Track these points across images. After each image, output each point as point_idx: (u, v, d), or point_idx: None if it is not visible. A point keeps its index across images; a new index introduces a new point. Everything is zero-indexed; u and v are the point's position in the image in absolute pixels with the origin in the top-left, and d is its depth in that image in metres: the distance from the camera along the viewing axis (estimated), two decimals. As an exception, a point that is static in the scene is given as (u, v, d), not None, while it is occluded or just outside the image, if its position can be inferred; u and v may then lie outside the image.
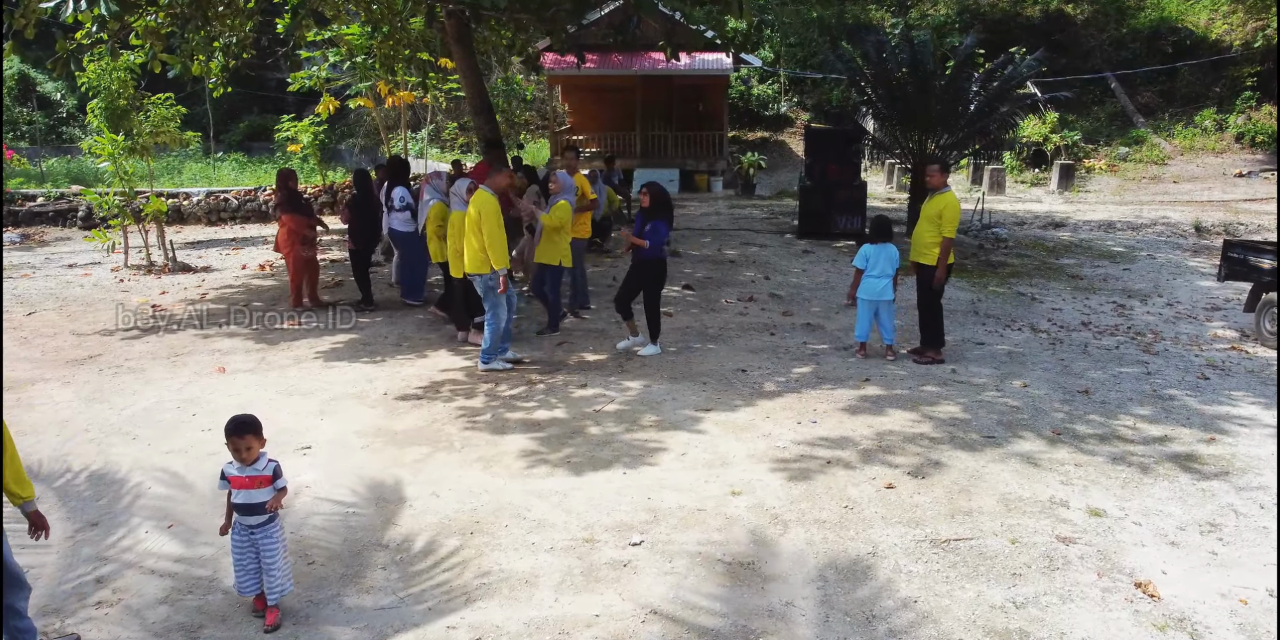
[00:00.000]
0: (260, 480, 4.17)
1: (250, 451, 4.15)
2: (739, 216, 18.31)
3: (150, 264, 13.50)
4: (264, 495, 4.17)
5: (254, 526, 4.19)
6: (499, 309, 7.93)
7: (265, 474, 4.19)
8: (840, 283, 12.04)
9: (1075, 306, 11.33)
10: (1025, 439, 6.47)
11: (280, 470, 4.26)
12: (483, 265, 7.80)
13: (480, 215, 7.69)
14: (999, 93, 13.86)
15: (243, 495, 4.17)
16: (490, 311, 7.95)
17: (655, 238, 8.14)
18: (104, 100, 16.33)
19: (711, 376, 7.84)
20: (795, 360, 8.39)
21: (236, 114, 35.48)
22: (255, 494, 4.16)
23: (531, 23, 13.77)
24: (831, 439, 6.41)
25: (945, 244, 8.14)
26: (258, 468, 4.18)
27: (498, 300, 7.90)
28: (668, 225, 8.27)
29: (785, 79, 30.78)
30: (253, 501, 4.16)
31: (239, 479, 4.17)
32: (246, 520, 4.19)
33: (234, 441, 4.14)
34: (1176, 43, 28.86)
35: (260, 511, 4.17)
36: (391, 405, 7.17)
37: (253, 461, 4.17)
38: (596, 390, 7.45)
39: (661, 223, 8.16)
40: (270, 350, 8.70)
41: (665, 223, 8.22)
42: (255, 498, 4.16)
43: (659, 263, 8.31)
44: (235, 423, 4.16)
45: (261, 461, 4.20)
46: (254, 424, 4.18)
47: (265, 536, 4.21)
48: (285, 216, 9.99)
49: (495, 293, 7.87)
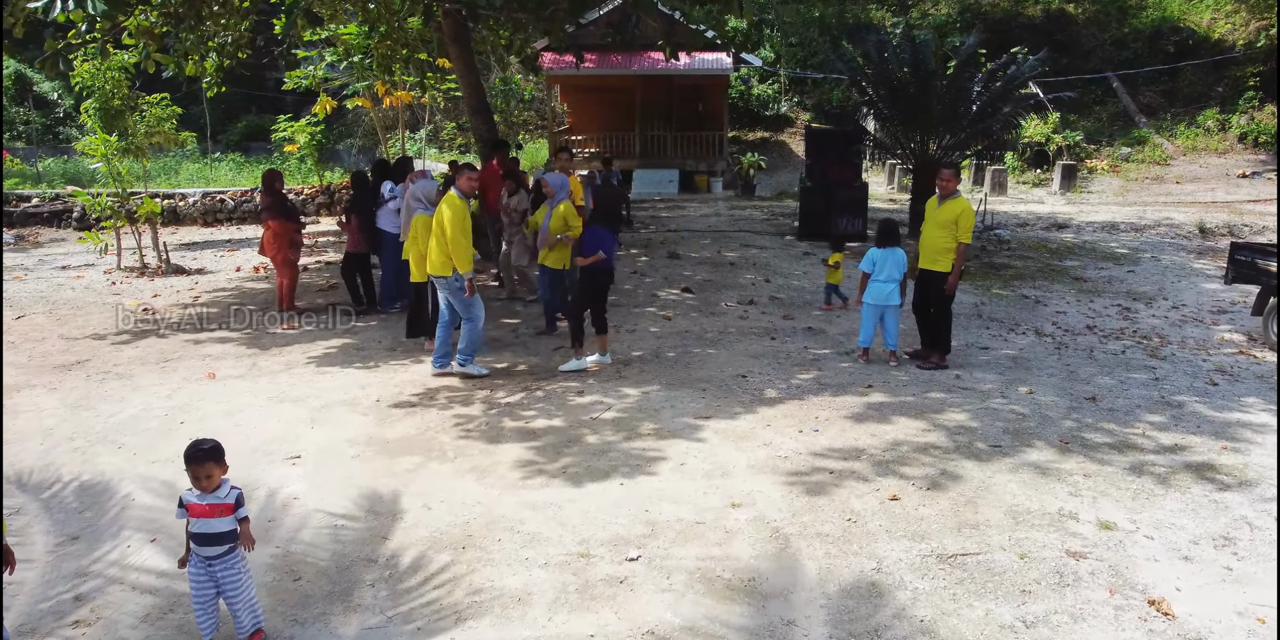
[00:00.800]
0: (221, 509, 3.91)
1: (211, 479, 3.89)
2: (739, 218, 18.16)
3: (144, 266, 13.36)
4: (224, 524, 3.91)
5: (213, 558, 3.92)
6: (473, 309, 7.79)
7: (227, 502, 3.92)
8: (842, 285, 11.89)
9: (1080, 310, 11.18)
10: (1033, 448, 6.31)
11: (243, 498, 4.01)
12: (445, 267, 7.64)
13: (447, 217, 7.55)
14: (1002, 93, 13.71)
15: (201, 524, 3.90)
16: (465, 313, 7.79)
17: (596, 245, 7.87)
18: (98, 100, 16.20)
19: (711, 382, 7.70)
20: (796, 365, 8.24)
21: (234, 114, 35.33)
22: (215, 523, 3.90)
23: (529, 22, 13.63)
24: (834, 448, 6.26)
25: (962, 250, 7.99)
26: (219, 495, 3.91)
27: (469, 301, 7.75)
28: (612, 233, 8.04)
29: (785, 79, 30.64)
30: (211, 531, 3.90)
31: (198, 507, 3.90)
32: (205, 551, 3.92)
33: (193, 469, 3.88)
34: (1178, 42, 28.72)
35: (220, 542, 3.91)
36: (384, 413, 7.02)
37: (213, 489, 3.91)
38: (594, 397, 7.30)
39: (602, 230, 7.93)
40: (262, 355, 8.56)
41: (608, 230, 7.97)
42: (214, 527, 3.90)
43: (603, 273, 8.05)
44: (194, 449, 3.91)
45: (223, 489, 3.94)
46: (215, 450, 3.93)
47: (226, 568, 3.94)
48: (270, 221, 9.83)
49: (462, 293, 7.70)
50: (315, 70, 18.40)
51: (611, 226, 8.07)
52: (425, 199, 8.46)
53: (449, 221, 7.49)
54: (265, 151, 31.19)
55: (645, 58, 22.32)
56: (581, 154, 24.43)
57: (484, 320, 7.96)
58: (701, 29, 16.26)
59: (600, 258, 7.87)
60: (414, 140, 28.84)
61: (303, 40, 16.97)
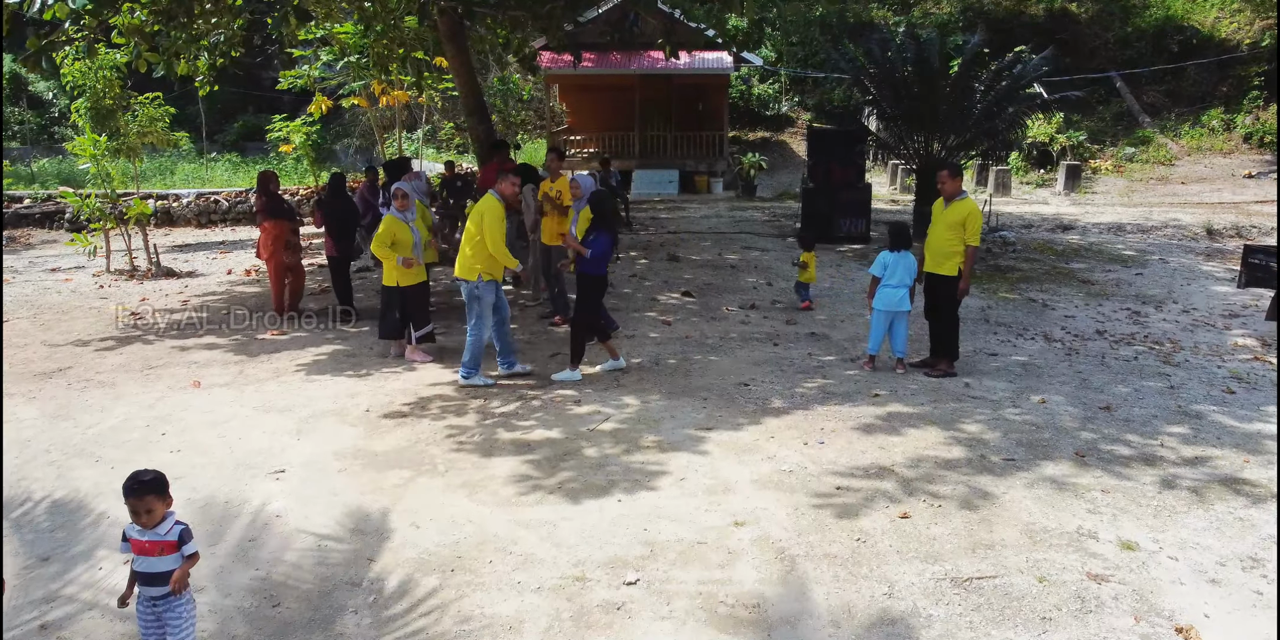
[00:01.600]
0: (164, 546, 3.60)
1: (152, 514, 3.57)
2: (740, 219, 17.91)
3: (133, 269, 13.11)
4: (167, 564, 3.61)
5: (157, 598, 3.63)
6: (482, 320, 7.56)
7: (169, 539, 3.60)
8: (845, 288, 11.66)
9: (1089, 314, 10.93)
10: (1048, 462, 6.06)
11: (189, 534, 3.68)
12: (469, 270, 7.44)
13: (487, 221, 7.41)
14: (1007, 92, 13.46)
15: (143, 562, 3.62)
16: (472, 323, 7.57)
17: (595, 248, 7.60)
18: (89, 100, 15.96)
19: (712, 391, 7.45)
20: (800, 373, 7.99)
21: (231, 113, 35.09)
22: (157, 562, 3.60)
23: (526, 21, 13.38)
24: (840, 462, 6.01)
25: (971, 253, 7.75)
26: (160, 532, 3.60)
27: (482, 310, 7.54)
28: (611, 238, 7.74)
29: (786, 78, 30.40)
30: (155, 570, 3.61)
31: (139, 542, 3.61)
32: (149, 591, 3.63)
33: (132, 503, 3.56)
34: (1182, 41, 28.48)
35: (163, 582, 3.61)
36: (374, 423, 6.78)
37: (155, 524, 3.60)
38: (592, 407, 7.05)
39: (604, 235, 7.65)
40: (249, 362, 8.31)
41: (607, 236, 7.67)
42: (157, 566, 3.60)
43: (595, 279, 7.77)
44: (133, 481, 3.58)
45: (166, 524, 3.62)
46: (156, 482, 3.60)
47: (170, 611, 3.66)
48: (266, 222, 9.59)
49: (479, 302, 7.50)
50: (310, 70, 18.12)
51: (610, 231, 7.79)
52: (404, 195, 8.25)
53: (489, 226, 7.38)
54: (262, 152, 30.92)
55: (645, 57, 22.07)
56: (580, 154, 24.18)
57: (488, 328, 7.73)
58: (702, 28, 16.01)
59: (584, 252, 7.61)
60: (411, 140, 28.59)
61: (297, 39, 16.69)
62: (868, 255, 13.77)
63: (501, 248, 7.44)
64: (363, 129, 30.56)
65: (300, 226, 10.04)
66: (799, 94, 31.03)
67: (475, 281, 7.46)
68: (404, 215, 8.15)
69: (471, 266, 7.46)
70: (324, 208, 9.86)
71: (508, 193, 7.66)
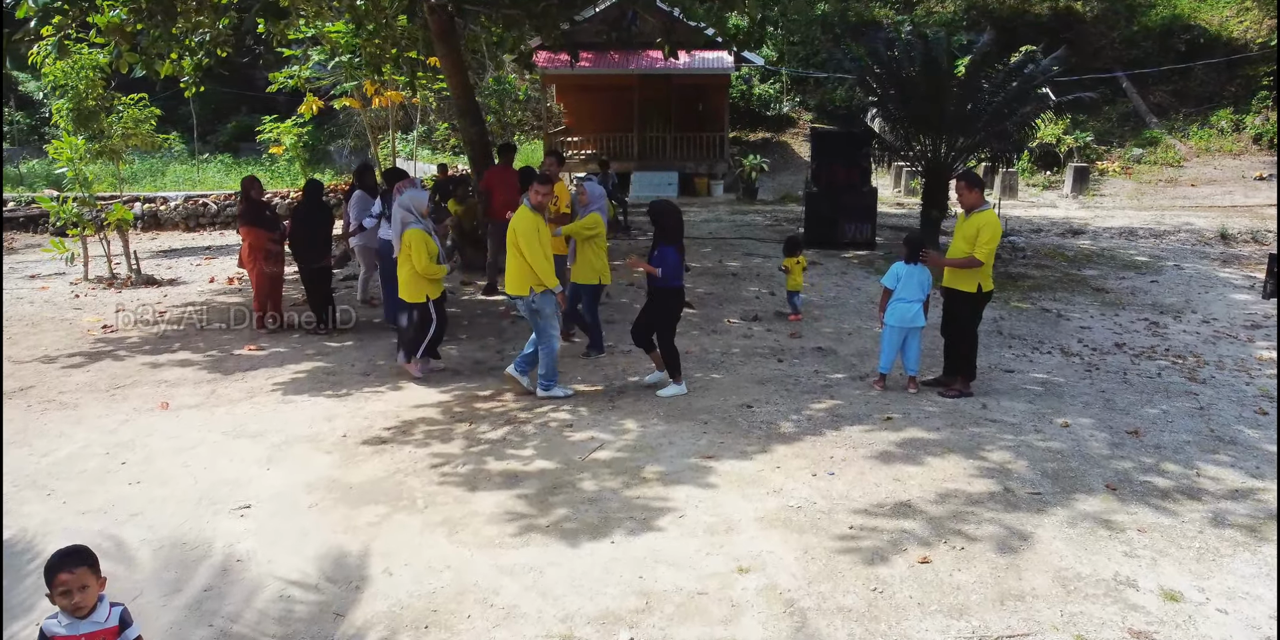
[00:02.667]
0: (104, 635, 3.07)
1: (86, 592, 3.02)
2: (741, 223, 17.45)
3: (113, 276, 12.66)
4: None
5: None
6: (551, 331, 7.30)
7: (109, 626, 3.08)
8: (851, 297, 11.20)
9: (1105, 324, 10.48)
10: (1078, 496, 5.61)
11: (129, 616, 3.15)
12: (521, 286, 7.22)
13: (521, 232, 7.10)
14: (1018, 93, 13.00)
15: None
16: (542, 335, 7.31)
17: (664, 264, 7.24)
18: (71, 100, 15.51)
19: (714, 414, 6.99)
20: (807, 393, 7.53)
21: (225, 114, 34.60)
22: None
23: (522, 19, 12.93)
24: (854, 496, 5.55)
25: (970, 264, 7.30)
26: (97, 619, 3.05)
27: (546, 323, 7.28)
28: (676, 250, 7.33)
29: (787, 78, 29.92)
30: None
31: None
32: None
33: (63, 581, 2.99)
34: (1189, 41, 28.02)
35: None
36: (351, 450, 6.32)
37: (89, 612, 3.04)
38: (588, 433, 6.59)
39: (669, 249, 7.26)
40: (223, 381, 7.85)
41: (672, 248, 7.29)
42: None
43: (674, 293, 7.44)
44: (59, 557, 3.04)
45: (102, 609, 3.08)
46: (85, 555, 3.07)
47: None
48: (246, 229, 9.13)
49: (541, 315, 7.27)
50: (300, 70, 17.65)
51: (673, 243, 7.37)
52: (415, 210, 7.76)
53: (524, 234, 7.08)
54: (255, 153, 30.46)
55: (644, 56, 21.60)
56: (578, 155, 23.72)
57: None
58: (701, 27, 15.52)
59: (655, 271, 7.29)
60: (406, 141, 28.13)
61: (286, 38, 16.23)
62: (874, 262, 13.32)
63: (541, 262, 7.13)
64: (357, 129, 30.10)
65: (284, 236, 9.52)
66: (800, 94, 30.56)
67: (530, 296, 7.20)
68: (426, 224, 7.74)
69: (522, 280, 7.21)
70: (295, 216, 9.37)
71: (537, 201, 7.28)
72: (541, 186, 7.26)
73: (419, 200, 7.78)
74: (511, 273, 7.28)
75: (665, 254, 7.22)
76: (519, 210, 7.29)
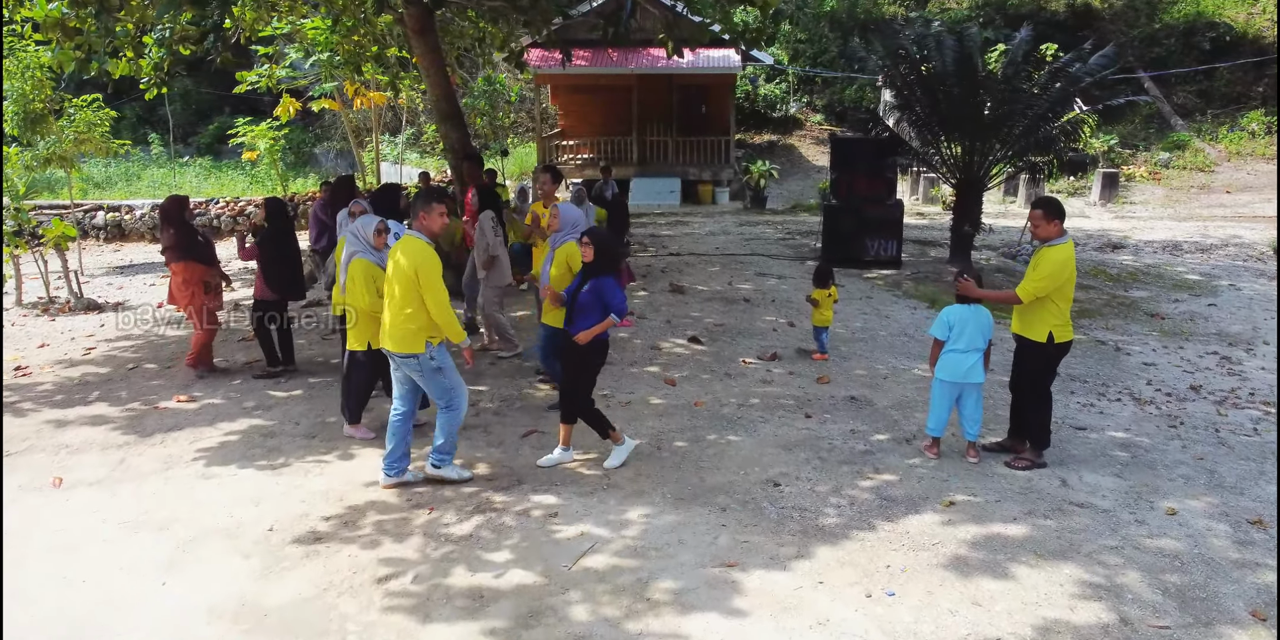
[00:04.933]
0: None
1: None
2: (750, 236, 16.07)
3: (50, 301, 11.30)
4: None
5: None
6: (455, 393, 5.71)
7: None
8: (881, 328, 9.86)
9: (1171, 360, 9.18)
10: (1219, 629, 4.26)
11: None
12: (409, 341, 5.54)
13: (416, 271, 5.46)
14: (1062, 95, 11.67)
15: None
16: (443, 398, 5.70)
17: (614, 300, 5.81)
18: (17, 103, 14.19)
19: (734, 495, 5.64)
20: (846, 463, 6.18)
21: (207, 115, 33.19)
22: None
23: (507, 12, 11.59)
24: (924, 633, 4.20)
25: (1005, 297, 6.01)
26: None
27: (449, 382, 5.68)
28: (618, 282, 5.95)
29: (794, 77, 28.59)
30: None
31: None
32: None
33: None
34: (1214, 39, 26.74)
35: None
36: (275, 552, 4.97)
37: None
38: (577, 526, 5.23)
39: (608, 280, 5.82)
40: (137, 446, 6.49)
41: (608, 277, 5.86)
42: None
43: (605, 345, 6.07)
44: None
45: None
46: None
47: None
48: (174, 263, 7.76)
49: (443, 373, 5.65)
50: (271, 69, 16.29)
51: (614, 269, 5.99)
52: (364, 239, 6.40)
53: (426, 274, 5.43)
54: (236, 155, 29.12)
55: (644, 54, 20.23)
56: (574, 160, 22.37)
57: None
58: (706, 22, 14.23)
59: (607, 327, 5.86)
60: (393, 144, 26.77)
61: (258, 35, 14.88)
62: (900, 283, 11.97)
63: (447, 310, 5.54)
64: (343, 132, 28.77)
65: (220, 266, 8.14)
66: (807, 94, 29.24)
67: (424, 353, 5.57)
68: (379, 257, 6.35)
69: (410, 334, 5.54)
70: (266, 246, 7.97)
71: (435, 228, 5.66)
72: (437, 206, 5.69)
73: (369, 228, 6.42)
74: (395, 325, 5.55)
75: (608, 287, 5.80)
76: (407, 243, 5.54)
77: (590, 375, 6.05)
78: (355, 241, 6.40)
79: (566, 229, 6.78)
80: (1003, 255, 14.28)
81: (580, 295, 5.81)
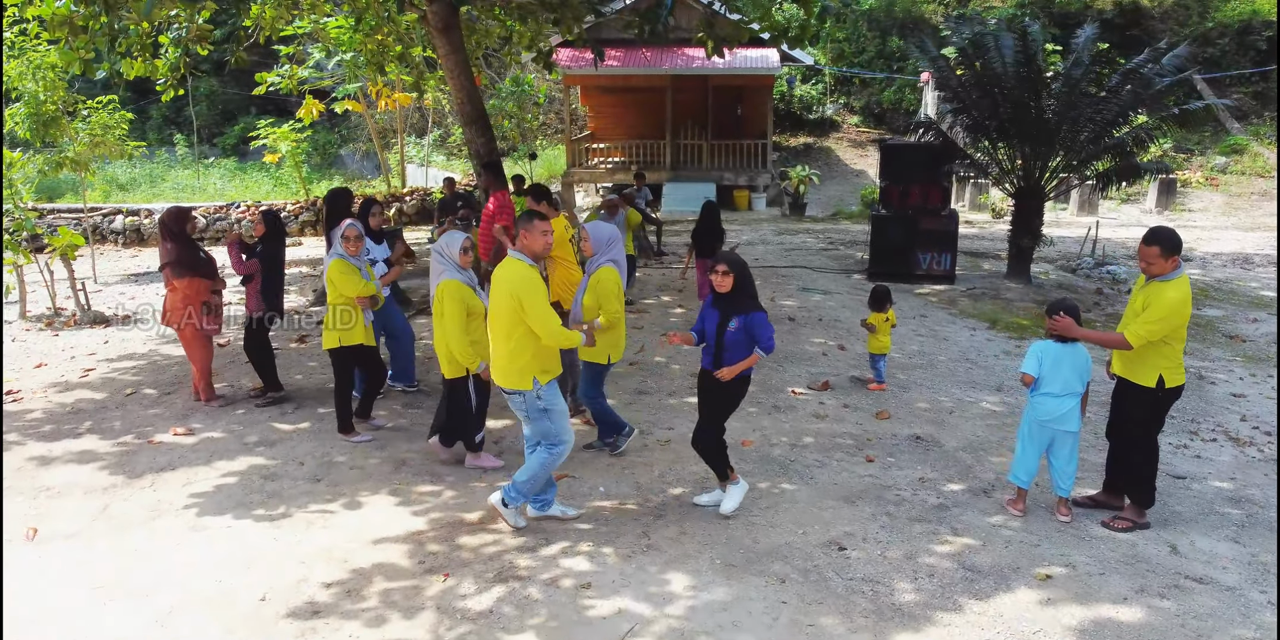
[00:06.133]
0: None
1: None
2: (790, 246, 15.28)
3: (55, 314, 10.74)
4: None
5: None
6: (560, 437, 5.14)
7: None
8: (940, 352, 9.07)
9: (1262, 391, 8.34)
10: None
11: None
12: (518, 376, 5.02)
13: (519, 298, 4.89)
14: (1134, 98, 10.81)
15: None
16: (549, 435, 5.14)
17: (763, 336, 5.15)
18: (28, 105, 13.72)
19: (792, 562, 4.90)
20: (919, 521, 5.42)
21: (232, 115, 32.86)
22: None
23: (535, 10, 10.91)
24: (1041, 761, 3.45)
25: (1112, 340, 5.22)
26: None
27: (555, 426, 5.12)
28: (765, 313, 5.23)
29: (831, 78, 27.74)
30: None
31: None
32: None
33: None
34: (1271, 38, 25.62)
35: None
36: (265, 629, 4.29)
37: None
38: (613, 601, 4.50)
39: (759, 315, 5.14)
40: (124, 489, 5.84)
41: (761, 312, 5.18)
42: None
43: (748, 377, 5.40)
44: None
45: None
46: None
47: None
48: (182, 280, 7.11)
49: (549, 415, 5.10)
50: (292, 70, 15.74)
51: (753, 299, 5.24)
52: (450, 258, 5.75)
53: (528, 302, 4.87)
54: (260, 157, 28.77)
55: (678, 54, 19.50)
56: (604, 164, 21.68)
57: None
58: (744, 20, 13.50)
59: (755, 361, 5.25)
60: (419, 146, 26.22)
61: (278, 34, 14.33)
62: (955, 300, 11.16)
63: (560, 332, 4.98)
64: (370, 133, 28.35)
65: (223, 284, 7.50)
66: (845, 95, 28.40)
67: (531, 391, 5.03)
68: (466, 275, 5.76)
69: (516, 370, 5.02)
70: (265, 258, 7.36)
71: (538, 248, 5.05)
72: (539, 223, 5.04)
73: (453, 244, 5.76)
74: (499, 356, 5.08)
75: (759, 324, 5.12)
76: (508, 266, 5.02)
77: (730, 411, 5.43)
78: (441, 260, 5.76)
79: (601, 251, 6.07)
80: (1061, 269, 13.42)
81: (728, 334, 5.14)
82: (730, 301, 5.15)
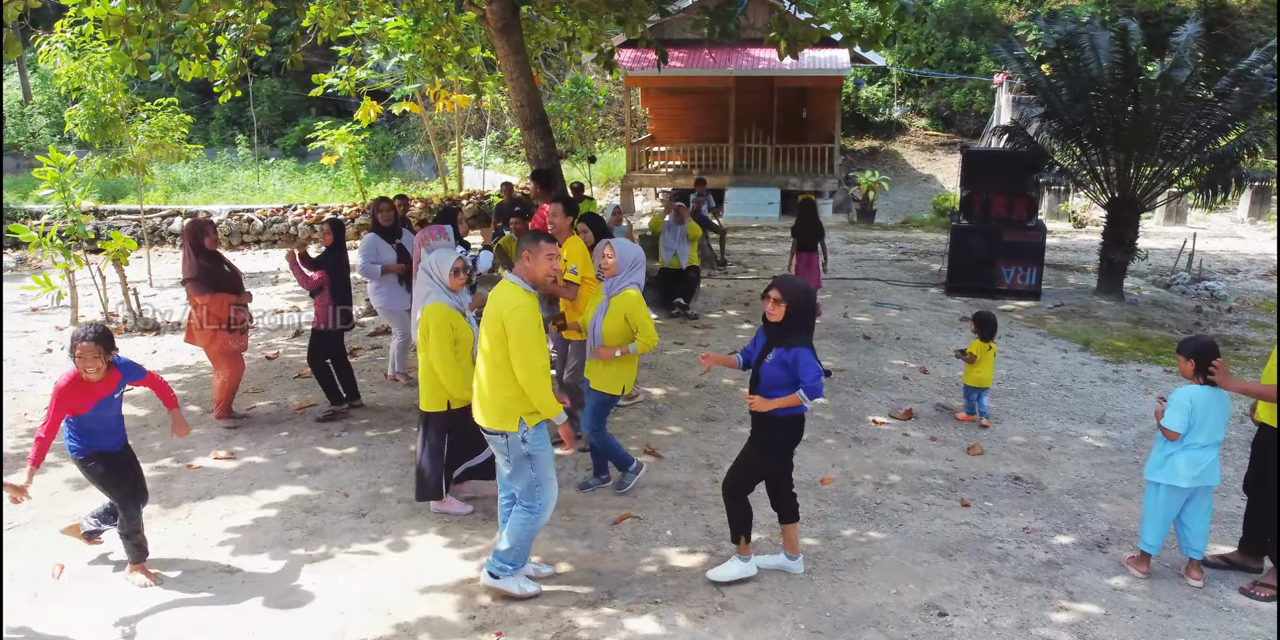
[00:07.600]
0: None
1: None
2: (860, 256, 14.60)
3: (108, 320, 10.52)
4: None
5: None
6: (543, 489, 4.51)
7: None
8: (1032, 377, 8.36)
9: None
10: None
11: None
12: (501, 415, 4.41)
13: (505, 326, 4.30)
14: (1245, 104, 10.00)
15: None
16: (525, 494, 4.51)
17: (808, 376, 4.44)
18: (87, 106, 13.62)
19: (886, 629, 4.32)
20: (1026, 580, 4.80)
21: (293, 116, 32.94)
22: None
23: (599, 9, 10.43)
24: None
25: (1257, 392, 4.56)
26: None
27: (537, 475, 4.49)
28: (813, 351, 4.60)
29: (898, 79, 26.89)
30: None
31: None
32: None
33: None
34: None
35: None
36: (298, 701, 3.84)
37: None
38: (681, 674, 3.99)
39: (804, 352, 4.52)
40: (159, 519, 5.47)
41: (810, 348, 4.58)
42: None
43: (797, 422, 4.71)
44: None
45: None
46: None
47: None
48: (198, 297, 6.74)
49: (533, 461, 4.46)
50: (350, 71, 15.48)
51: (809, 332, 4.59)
52: (439, 279, 5.26)
53: (513, 332, 4.28)
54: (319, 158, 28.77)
55: (744, 55, 18.90)
56: (664, 168, 21.16)
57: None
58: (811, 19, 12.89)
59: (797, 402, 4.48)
60: (477, 148, 25.97)
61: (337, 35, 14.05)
62: (1043, 318, 10.41)
63: (538, 377, 4.35)
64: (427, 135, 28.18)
65: (249, 299, 7.11)
66: (912, 97, 27.51)
67: (515, 433, 4.42)
68: (455, 299, 5.23)
69: (500, 407, 4.41)
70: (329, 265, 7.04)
71: (539, 273, 4.47)
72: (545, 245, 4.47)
73: (443, 263, 5.27)
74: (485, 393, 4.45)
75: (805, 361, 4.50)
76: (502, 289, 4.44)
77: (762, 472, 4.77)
78: (428, 281, 5.28)
79: (624, 271, 5.51)
80: (1154, 284, 12.58)
81: (764, 366, 4.51)
82: (779, 331, 4.51)
